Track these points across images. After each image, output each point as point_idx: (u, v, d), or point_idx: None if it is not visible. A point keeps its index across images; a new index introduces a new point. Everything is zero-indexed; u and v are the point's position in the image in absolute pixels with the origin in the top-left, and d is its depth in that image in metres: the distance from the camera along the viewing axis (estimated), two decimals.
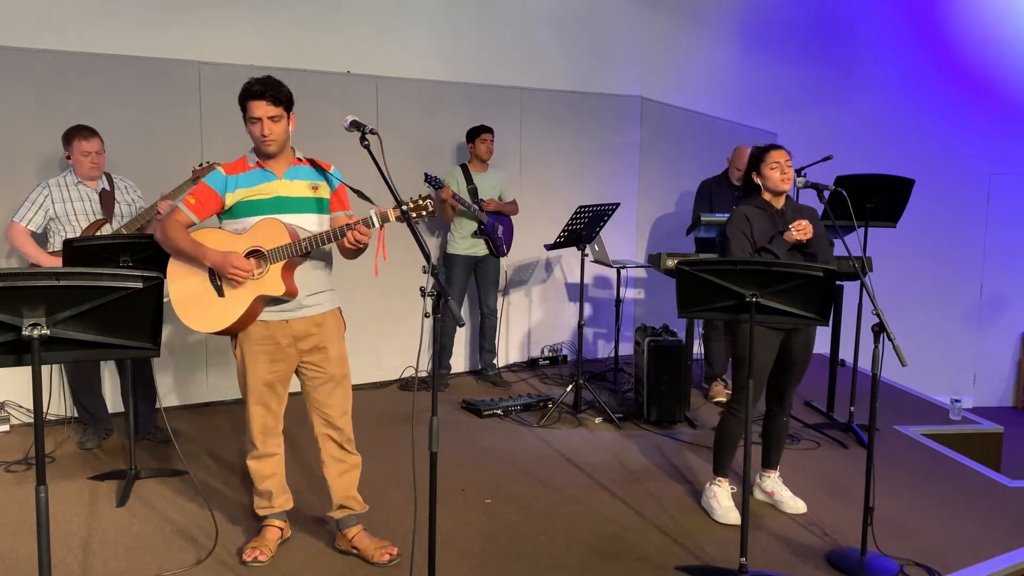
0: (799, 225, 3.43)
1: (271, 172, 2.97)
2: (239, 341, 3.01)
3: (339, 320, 3.13)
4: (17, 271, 1.95)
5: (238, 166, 2.99)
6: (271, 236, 2.89)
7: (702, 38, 7.26)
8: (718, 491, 3.67)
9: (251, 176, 2.97)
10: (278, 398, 3.09)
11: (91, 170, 4.18)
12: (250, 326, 2.96)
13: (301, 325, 3.00)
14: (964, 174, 8.03)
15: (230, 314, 2.91)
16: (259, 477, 3.14)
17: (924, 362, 6.72)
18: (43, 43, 4.68)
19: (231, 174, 2.97)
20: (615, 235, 6.46)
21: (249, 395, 3.04)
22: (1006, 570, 3.28)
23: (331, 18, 5.54)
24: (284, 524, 3.24)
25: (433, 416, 2.49)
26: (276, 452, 3.15)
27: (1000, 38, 7.97)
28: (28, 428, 4.62)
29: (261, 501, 3.19)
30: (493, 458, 4.36)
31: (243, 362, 3.02)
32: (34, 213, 4.14)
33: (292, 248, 2.87)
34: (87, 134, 4.16)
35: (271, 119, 2.88)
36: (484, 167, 5.64)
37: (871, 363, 3.10)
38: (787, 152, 3.56)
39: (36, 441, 2.06)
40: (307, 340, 3.02)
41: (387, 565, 3.09)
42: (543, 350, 6.53)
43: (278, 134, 2.91)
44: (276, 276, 2.89)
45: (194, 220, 2.97)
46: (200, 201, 2.96)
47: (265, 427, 3.08)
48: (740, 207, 3.59)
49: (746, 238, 3.50)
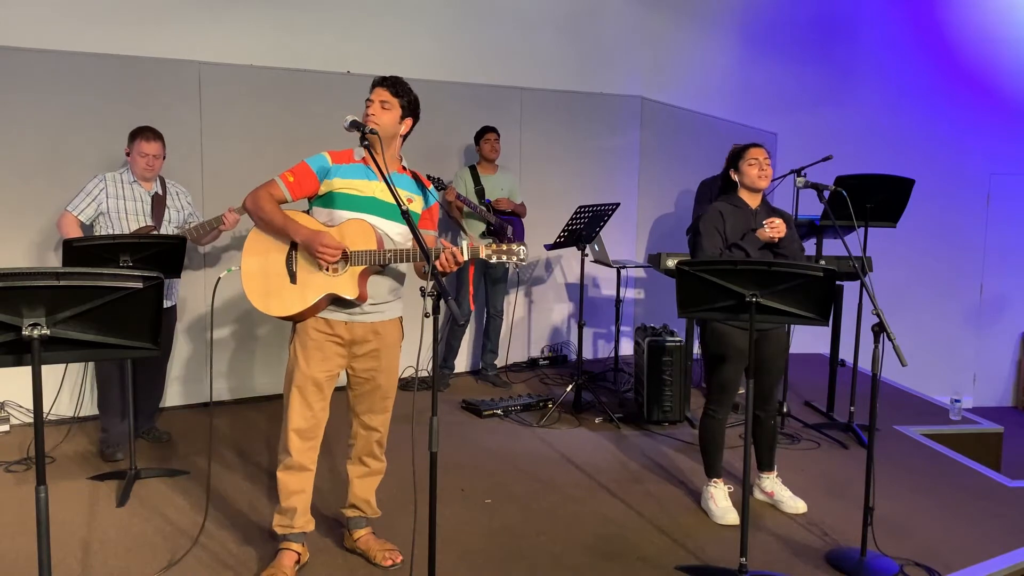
0: (772, 223, 3.46)
1: (373, 172, 2.90)
2: (296, 333, 2.94)
3: (399, 330, 3.08)
4: (17, 271, 1.95)
5: (344, 156, 2.94)
6: (359, 238, 2.83)
7: (702, 38, 7.26)
8: (714, 492, 3.68)
9: (354, 169, 2.91)
10: (323, 401, 2.97)
11: (145, 171, 4.16)
12: (310, 321, 2.91)
13: (361, 329, 2.94)
14: (964, 174, 8.03)
15: (296, 303, 2.85)
16: (287, 492, 2.97)
17: (924, 362, 6.73)
18: (43, 43, 4.68)
19: (336, 163, 2.91)
20: (615, 235, 6.46)
21: (293, 390, 2.92)
22: (1006, 570, 3.28)
23: (331, 18, 5.54)
24: (303, 548, 3.05)
25: (433, 416, 2.49)
26: (310, 468, 2.99)
27: (1000, 38, 7.97)
28: (28, 428, 4.62)
29: (283, 519, 3.01)
30: (493, 458, 4.36)
31: (295, 355, 2.93)
32: (87, 204, 4.10)
33: (376, 256, 2.81)
34: (150, 136, 4.15)
35: (382, 103, 2.88)
36: (492, 168, 5.65)
37: (871, 363, 3.10)
38: (767, 151, 3.59)
39: (36, 441, 2.06)
40: (363, 345, 2.96)
41: (388, 569, 3.07)
42: (543, 350, 6.53)
43: (384, 121, 2.88)
44: (352, 278, 2.83)
45: (287, 197, 2.88)
46: (298, 180, 2.88)
47: (303, 430, 2.93)
48: (715, 203, 3.64)
49: (719, 234, 3.53)
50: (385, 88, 2.92)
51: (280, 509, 3.02)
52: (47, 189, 4.69)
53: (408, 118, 2.97)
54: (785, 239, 3.51)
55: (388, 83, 2.93)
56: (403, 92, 2.94)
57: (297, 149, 3.07)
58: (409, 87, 2.98)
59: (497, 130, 5.61)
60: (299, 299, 2.86)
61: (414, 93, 2.99)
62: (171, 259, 3.81)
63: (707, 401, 3.69)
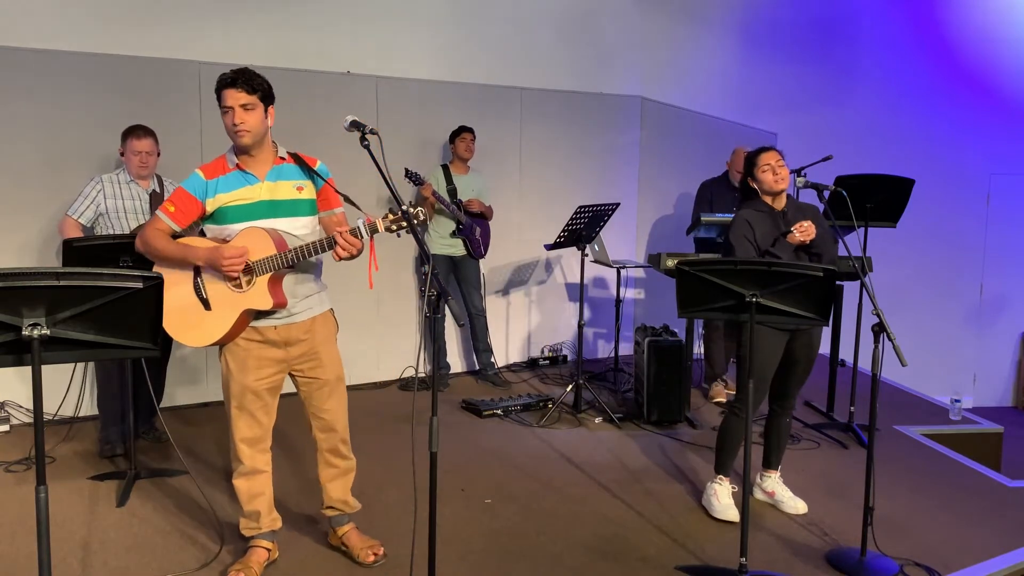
0: (801, 227, 3.43)
1: (252, 175, 2.82)
2: (225, 348, 2.88)
3: (330, 322, 3.01)
4: (17, 271, 1.95)
5: (217, 168, 2.83)
6: (256, 245, 2.74)
7: (702, 38, 7.26)
8: (718, 489, 3.68)
9: (230, 179, 2.81)
10: (265, 408, 2.92)
11: (139, 168, 4.16)
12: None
13: (290, 332, 2.88)
14: (964, 174, 8.03)
15: (216, 329, 2.80)
16: (247, 497, 2.97)
17: (924, 362, 6.74)
18: (43, 43, 4.68)
19: (210, 178, 2.81)
20: (615, 235, 6.46)
21: (232, 404, 2.89)
22: (1006, 570, 3.28)
23: (331, 18, 5.54)
24: (272, 545, 3.07)
25: (433, 416, 2.49)
26: (264, 469, 2.98)
27: (1000, 38, 7.97)
28: (28, 428, 4.62)
29: (248, 522, 3.02)
30: (493, 458, 4.36)
31: (228, 369, 2.88)
32: (86, 207, 4.10)
33: (278, 260, 2.73)
34: (140, 133, 4.15)
35: (243, 107, 2.73)
36: (464, 169, 5.64)
37: (871, 363, 3.09)
38: (778, 152, 3.55)
39: (36, 441, 2.06)
40: (297, 347, 2.91)
41: (372, 566, 3.07)
42: (543, 350, 6.53)
43: (252, 124, 2.75)
44: (263, 289, 2.76)
45: (175, 228, 2.81)
46: (179, 208, 2.79)
47: (250, 439, 2.91)
48: (741, 212, 3.57)
49: (750, 243, 3.49)
50: (238, 89, 2.74)
51: (244, 514, 3.01)
52: (47, 189, 4.69)
53: (270, 107, 2.83)
54: (817, 238, 3.46)
55: (240, 81, 2.75)
56: (256, 84, 2.77)
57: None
58: (256, 72, 2.81)
59: (473, 130, 5.60)
60: (219, 324, 2.80)
61: (263, 76, 2.82)
62: None
63: (736, 399, 3.67)
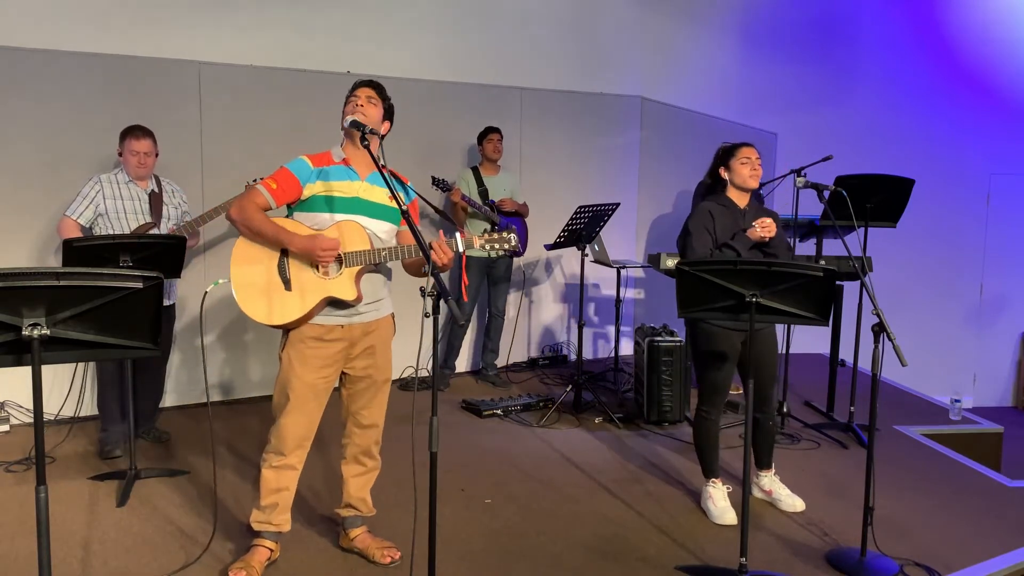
0: (763, 222, 3.46)
1: (355, 172, 2.92)
2: (289, 341, 2.89)
3: (391, 325, 3.09)
4: (17, 271, 1.94)
5: (323, 159, 2.93)
6: (351, 239, 2.83)
7: (702, 38, 7.26)
8: (713, 492, 3.67)
9: (336, 171, 2.90)
10: (319, 406, 2.96)
11: (137, 169, 4.16)
12: (304, 328, 2.88)
13: (358, 330, 2.94)
14: (964, 174, 8.03)
15: (295, 309, 2.82)
16: (269, 489, 2.95)
17: (924, 362, 6.73)
18: (43, 43, 4.68)
19: (316, 166, 2.90)
20: (615, 235, 6.46)
21: (292, 400, 2.88)
22: (1006, 570, 3.28)
23: (331, 18, 5.54)
24: (276, 546, 3.06)
25: (433, 416, 2.49)
26: (297, 467, 2.99)
27: (1000, 38, 7.97)
28: (28, 428, 4.62)
29: (260, 515, 2.99)
30: (493, 458, 4.36)
31: (291, 364, 2.88)
32: (84, 207, 4.10)
33: (371, 255, 2.82)
34: (139, 134, 4.15)
35: (369, 99, 2.93)
36: (495, 169, 5.66)
37: (871, 363, 3.10)
38: (757, 151, 3.58)
39: (36, 441, 2.06)
40: (358, 345, 2.95)
41: (388, 567, 3.08)
42: (543, 350, 6.53)
43: (370, 112, 2.91)
44: (350, 280, 2.83)
45: (272, 204, 2.86)
46: (281, 187, 2.85)
47: (300, 436, 2.92)
48: (703, 203, 3.62)
49: (708, 234, 3.52)
50: (370, 88, 2.98)
51: (259, 505, 3.00)
52: (47, 189, 4.69)
53: (387, 121, 3.03)
54: (775, 239, 3.51)
55: (372, 84, 3.00)
56: (385, 95, 3.02)
57: (297, 149, 3.06)
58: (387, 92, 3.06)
59: (500, 130, 5.61)
60: (298, 305, 2.83)
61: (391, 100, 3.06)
62: (171, 259, 3.81)
63: (699, 402, 3.68)
